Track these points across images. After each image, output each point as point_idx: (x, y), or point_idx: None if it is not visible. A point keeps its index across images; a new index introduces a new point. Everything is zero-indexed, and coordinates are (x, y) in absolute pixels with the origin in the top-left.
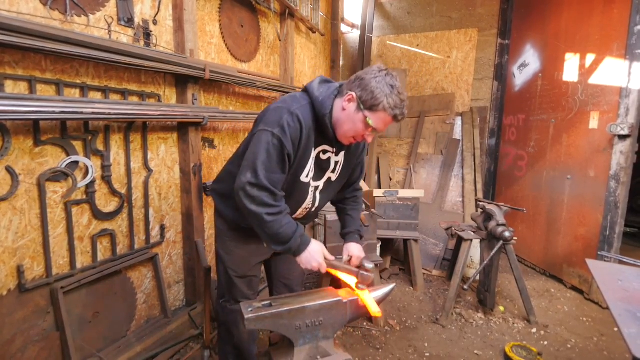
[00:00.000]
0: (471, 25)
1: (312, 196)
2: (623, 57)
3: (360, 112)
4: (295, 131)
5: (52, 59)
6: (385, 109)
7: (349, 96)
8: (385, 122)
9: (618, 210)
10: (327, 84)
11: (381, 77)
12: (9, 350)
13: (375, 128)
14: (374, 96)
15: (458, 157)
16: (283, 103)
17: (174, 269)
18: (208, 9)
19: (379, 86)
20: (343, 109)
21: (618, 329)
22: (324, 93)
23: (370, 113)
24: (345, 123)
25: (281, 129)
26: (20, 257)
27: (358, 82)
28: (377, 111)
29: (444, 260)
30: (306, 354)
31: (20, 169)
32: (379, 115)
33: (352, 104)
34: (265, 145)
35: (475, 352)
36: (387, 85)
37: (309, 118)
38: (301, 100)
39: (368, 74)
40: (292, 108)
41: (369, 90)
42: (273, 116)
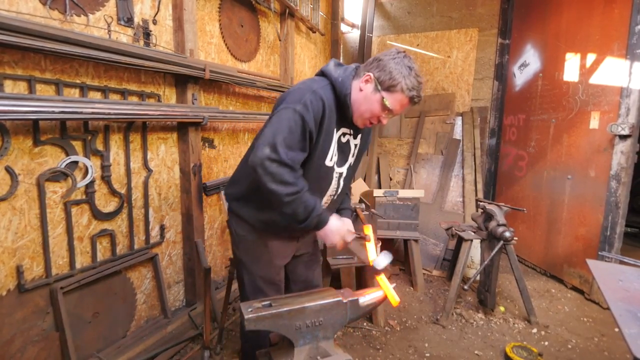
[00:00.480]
0: (471, 25)
1: (336, 182)
2: (624, 57)
3: (378, 93)
4: (318, 108)
5: (52, 59)
6: (402, 90)
7: (367, 77)
8: (402, 103)
9: (619, 210)
10: (342, 66)
11: (399, 58)
12: (9, 350)
13: (392, 109)
14: (392, 77)
15: (458, 157)
16: (303, 84)
17: (174, 269)
18: (208, 8)
19: (397, 67)
20: (360, 90)
21: (619, 329)
22: (342, 74)
23: (387, 94)
24: (362, 104)
25: (303, 105)
26: (19, 257)
27: (376, 63)
28: (394, 92)
29: (444, 261)
30: (306, 354)
31: (20, 169)
32: (395, 97)
33: (370, 84)
34: (286, 121)
35: (476, 353)
36: (405, 66)
37: (330, 98)
38: (320, 81)
39: (386, 55)
40: (313, 87)
41: (387, 70)
42: (295, 95)
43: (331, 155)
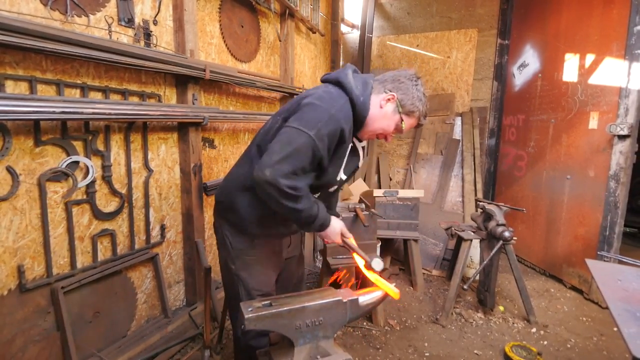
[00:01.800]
0: (471, 26)
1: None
2: (622, 57)
3: (398, 115)
4: (334, 137)
5: (53, 59)
6: (418, 116)
7: (390, 96)
8: (412, 126)
9: (618, 210)
10: (360, 78)
11: (419, 85)
12: (10, 350)
13: (403, 131)
14: (414, 103)
15: (458, 157)
16: (321, 100)
17: (174, 268)
18: (208, 9)
19: (418, 94)
20: (380, 107)
21: (617, 328)
22: (364, 92)
23: (405, 117)
24: (378, 121)
25: (318, 133)
26: (20, 257)
27: (397, 84)
28: (412, 117)
29: (444, 260)
30: (306, 353)
31: (21, 169)
32: (411, 121)
33: (391, 104)
34: (297, 146)
35: (475, 352)
36: (422, 93)
37: (349, 118)
38: (339, 98)
39: (407, 79)
40: (332, 110)
41: (410, 95)
42: (311, 115)
43: (342, 168)
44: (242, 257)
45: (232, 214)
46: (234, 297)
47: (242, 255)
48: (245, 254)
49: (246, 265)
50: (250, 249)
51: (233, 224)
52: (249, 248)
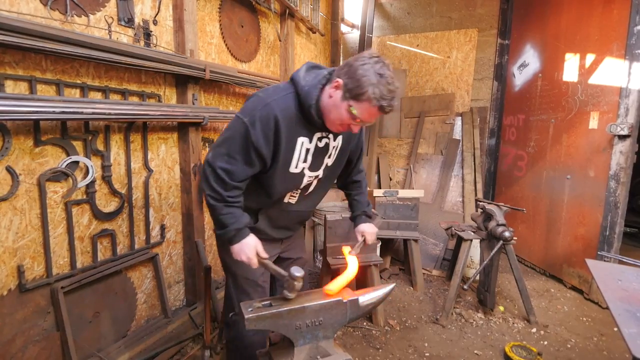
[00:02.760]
0: (471, 26)
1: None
2: (623, 57)
3: (345, 101)
4: (268, 125)
5: (53, 59)
6: (369, 99)
7: (336, 83)
8: (370, 112)
9: (618, 210)
10: (315, 71)
11: (370, 64)
12: (10, 350)
13: (360, 119)
14: (360, 84)
15: (458, 157)
16: (264, 92)
17: (174, 268)
18: (208, 9)
19: (366, 74)
20: (330, 96)
21: (618, 328)
22: (310, 82)
23: (355, 102)
24: (331, 111)
25: (251, 118)
26: (20, 257)
27: (346, 69)
28: (361, 101)
29: (444, 260)
30: (306, 353)
31: (21, 169)
32: (363, 105)
33: (339, 91)
34: (232, 131)
35: (475, 352)
36: (375, 73)
37: (290, 108)
38: (283, 90)
39: (357, 60)
40: (269, 99)
41: (356, 77)
42: (249, 104)
43: (296, 162)
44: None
45: None
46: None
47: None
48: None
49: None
50: None
51: None
52: None
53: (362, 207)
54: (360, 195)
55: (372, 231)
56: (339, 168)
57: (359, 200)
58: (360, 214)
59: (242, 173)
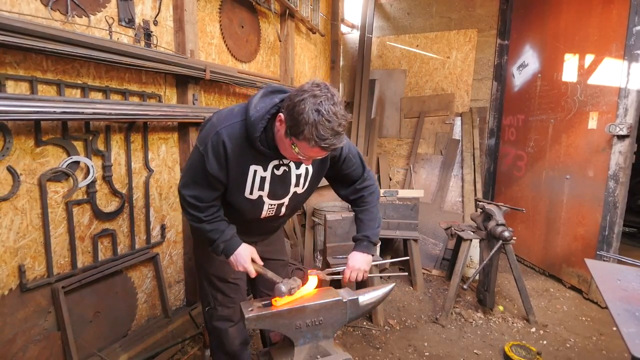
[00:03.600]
0: (470, 26)
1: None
2: (622, 58)
3: (287, 138)
4: (218, 152)
5: (53, 60)
6: (307, 139)
7: (279, 118)
8: (313, 151)
9: (617, 210)
10: (269, 98)
11: (307, 98)
12: (10, 349)
13: (306, 156)
14: (297, 123)
15: (457, 157)
16: (218, 117)
17: (175, 268)
18: (208, 9)
19: (303, 112)
20: (277, 130)
21: (617, 328)
22: (259, 111)
23: (296, 140)
24: (280, 144)
25: (204, 147)
26: (21, 256)
27: (287, 102)
28: (302, 140)
29: (444, 260)
30: (306, 353)
31: (22, 169)
32: (302, 144)
33: (283, 126)
34: (192, 160)
35: (475, 352)
36: (312, 110)
37: (238, 137)
38: (235, 117)
39: (297, 95)
40: (220, 127)
41: (294, 115)
42: (204, 131)
43: (250, 189)
44: (201, 244)
45: None
46: (199, 281)
47: (201, 243)
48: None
49: (205, 252)
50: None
51: None
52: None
53: (365, 229)
54: (364, 213)
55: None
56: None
57: (362, 219)
58: (361, 238)
59: (209, 195)
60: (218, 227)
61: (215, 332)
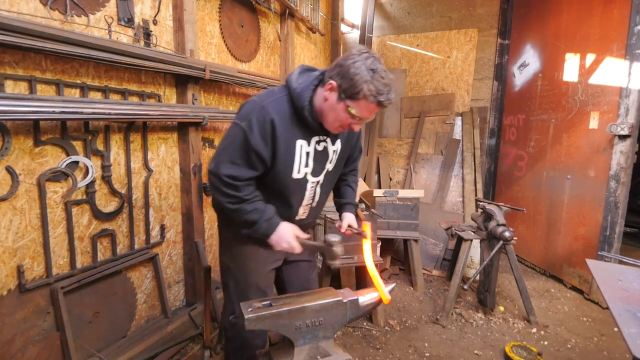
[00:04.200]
0: (471, 25)
1: (312, 192)
2: (623, 57)
3: (342, 102)
4: (264, 127)
5: (52, 59)
6: (366, 96)
7: (329, 85)
8: (370, 109)
9: (618, 210)
10: (307, 73)
11: (361, 60)
12: (9, 350)
13: (360, 117)
14: (354, 83)
15: (458, 157)
16: (258, 97)
17: (174, 269)
18: (208, 9)
19: (359, 72)
20: (325, 99)
21: (618, 328)
22: (303, 84)
23: (352, 102)
24: (328, 113)
25: (248, 123)
26: (20, 257)
27: (337, 69)
28: (358, 99)
29: (444, 260)
30: (306, 353)
31: (21, 169)
32: (361, 104)
33: (334, 93)
34: (231, 138)
35: (475, 352)
36: (367, 69)
37: (285, 111)
38: (277, 93)
39: (347, 59)
40: (264, 102)
41: (348, 77)
42: (245, 109)
43: (298, 167)
44: (230, 248)
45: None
46: (224, 287)
47: (229, 246)
48: (232, 246)
49: (234, 256)
50: (235, 240)
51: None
52: (234, 240)
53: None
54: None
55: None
56: (338, 172)
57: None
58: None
59: (246, 175)
60: (258, 207)
61: (236, 340)
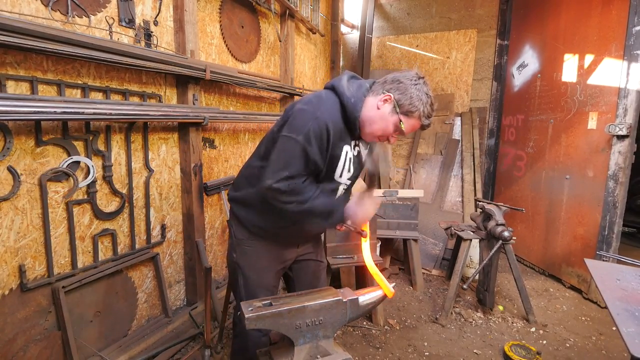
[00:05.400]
0: (470, 26)
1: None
2: (621, 58)
3: (396, 115)
4: (322, 138)
5: (54, 60)
6: (419, 117)
7: (387, 97)
8: (414, 128)
9: (616, 210)
10: (356, 82)
11: (420, 84)
12: (11, 349)
13: (404, 132)
14: (412, 102)
15: (457, 157)
16: (308, 105)
17: (175, 268)
18: (208, 9)
19: (418, 94)
20: (377, 108)
21: (616, 327)
22: (356, 94)
23: (404, 117)
24: (376, 122)
25: (305, 136)
26: (22, 256)
27: (396, 85)
28: (411, 117)
29: (444, 260)
30: (306, 353)
31: (22, 169)
32: (411, 121)
33: (388, 105)
34: (289, 152)
35: (475, 352)
36: (424, 93)
37: (337, 119)
38: (327, 100)
39: (407, 79)
40: (317, 112)
41: (408, 95)
42: (298, 120)
43: (340, 171)
44: (241, 246)
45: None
46: (233, 284)
47: (241, 245)
48: (245, 244)
49: (245, 254)
50: (249, 239)
51: (237, 217)
52: (248, 239)
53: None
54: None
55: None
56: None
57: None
58: None
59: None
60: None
61: (242, 336)
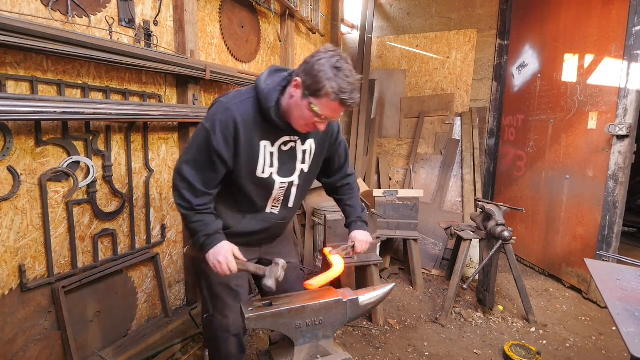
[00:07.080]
0: (470, 26)
1: (282, 192)
2: (621, 58)
3: (306, 99)
4: (228, 129)
5: (54, 60)
6: (328, 94)
7: (295, 82)
8: (332, 108)
9: (616, 210)
10: (277, 74)
11: (326, 58)
12: (11, 349)
13: (323, 115)
14: (317, 80)
15: (457, 157)
16: (226, 97)
17: (175, 268)
18: (209, 9)
19: (322, 69)
20: (291, 96)
21: (616, 327)
22: (271, 84)
23: (314, 99)
24: (294, 111)
25: (212, 124)
26: (22, 256)
27: (303, 67)
28: (321, 97)
29: (444, 260)
30: (306, 353)
31: (22, 169)
32: (323, 102)
33: (298, 90)
34: (197, 138)
35: (475, 352)
36: (331, 67)
37: (249, 112)
38: (245, 94)
39: (313, 57)
40: (230, 104)
41: (313, 74)
42: (212, 110)
43: (262, 167)
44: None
45: None
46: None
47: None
48: None
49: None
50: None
51: None
52: None
53: (356, 212)
54: (353, 200)
55: (365, 239)
56: (316, 174)
57: (352, 205)
58: (355, 219)
59: (209, 180)
60: (204, 220)
61: (212, 340)
